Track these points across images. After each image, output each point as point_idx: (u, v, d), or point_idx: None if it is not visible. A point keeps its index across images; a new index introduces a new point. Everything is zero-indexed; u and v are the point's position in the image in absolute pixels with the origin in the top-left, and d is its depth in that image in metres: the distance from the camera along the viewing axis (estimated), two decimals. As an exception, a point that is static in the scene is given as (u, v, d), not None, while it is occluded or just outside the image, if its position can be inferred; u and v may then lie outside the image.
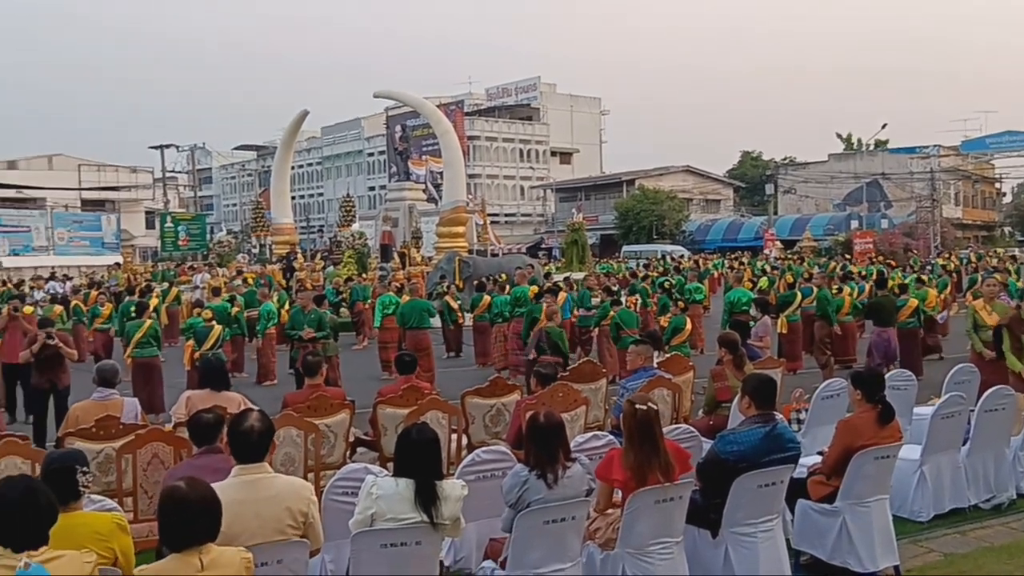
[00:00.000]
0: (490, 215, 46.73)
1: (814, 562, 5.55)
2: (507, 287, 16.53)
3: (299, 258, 31.47)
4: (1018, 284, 18.60)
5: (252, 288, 19.50)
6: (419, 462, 4.21)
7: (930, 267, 28.38)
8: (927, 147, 56.25)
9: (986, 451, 6.98)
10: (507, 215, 72.35)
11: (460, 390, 7.99)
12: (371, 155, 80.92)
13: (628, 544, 4.66)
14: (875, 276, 20.17)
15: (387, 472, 4.80)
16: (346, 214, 37.62)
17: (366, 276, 26.38)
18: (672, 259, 39.78)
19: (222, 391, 7.00)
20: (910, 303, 13.83)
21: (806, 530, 5.57)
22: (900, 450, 5.75)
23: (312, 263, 32.64)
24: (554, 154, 78.63)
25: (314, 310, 12.88)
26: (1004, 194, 74.98)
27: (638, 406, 4.76)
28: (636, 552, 4.65)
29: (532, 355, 12.06)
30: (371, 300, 19.17)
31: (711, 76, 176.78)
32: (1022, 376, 9.07)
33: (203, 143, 74.75)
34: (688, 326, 12.35)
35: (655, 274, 25.95)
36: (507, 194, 75.14)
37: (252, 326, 15.74)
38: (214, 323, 12.86)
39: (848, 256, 36.40)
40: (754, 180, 73.60)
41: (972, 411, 7.02)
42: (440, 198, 40.83)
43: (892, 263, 32.11)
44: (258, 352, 15.25)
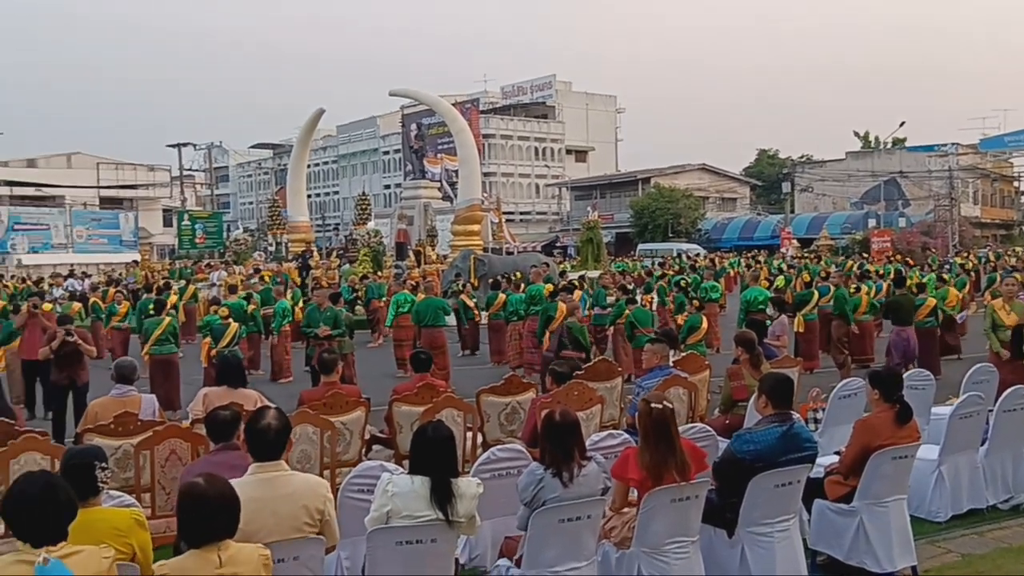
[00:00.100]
0: (505, 213, 46.75)
1: (831, 562, 5.52)
2: (522, 285, 16.52)
3: (315, 256, 31.55)
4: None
5: (268, 286, 19.59)
6: (435, 460, 4.22)
7: (948, 266, 28.19)
8: (945, 145, 55.89)
9: (1004, 451, 6.93)
10: (522, 213, 72.31)
11: (475, 388, 8.00)
12: (386, 153, 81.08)
13: (644, 543, 4.65)
14: (893, 275, 20.07)
15: (403, 470, 4.81)
16: (361, 212, 37.70)
17: (381, 274, 26.46)
18: (688, 257, 39.69)
19: (239, 388, 7.04)
20: (928, 302, 13.74)
21: (823, 530, 5.55)
22: (918, 450, 5.71)
23: (328, 261, 32.71)
24: (569, 152, 78.52)
25: (330, 308, 12.93)
26: (1023, 193, 74.34)
27: (653, 405, 4.75)
28: (652, 551, 4.64)
29: (546, 349, 12.12)
30: (386, 298, 19.22)
31: (727, 74, 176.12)
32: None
33: (220, 141, 75.29)
34: (704, 325, 12.32)
35: (671, 273, 25.91)
36: (522, 192, 75.10)
37: (268, 323, 15.82)
38: (230, 321, 12.92)
39: (865, 255, 36.21)
40: (771, 178, 73.27)
41: (990, 411, 6.97)
42: (455, 196, 40.86)
43: (910, 262, 31.87)
44: (272, 349, 15.33)
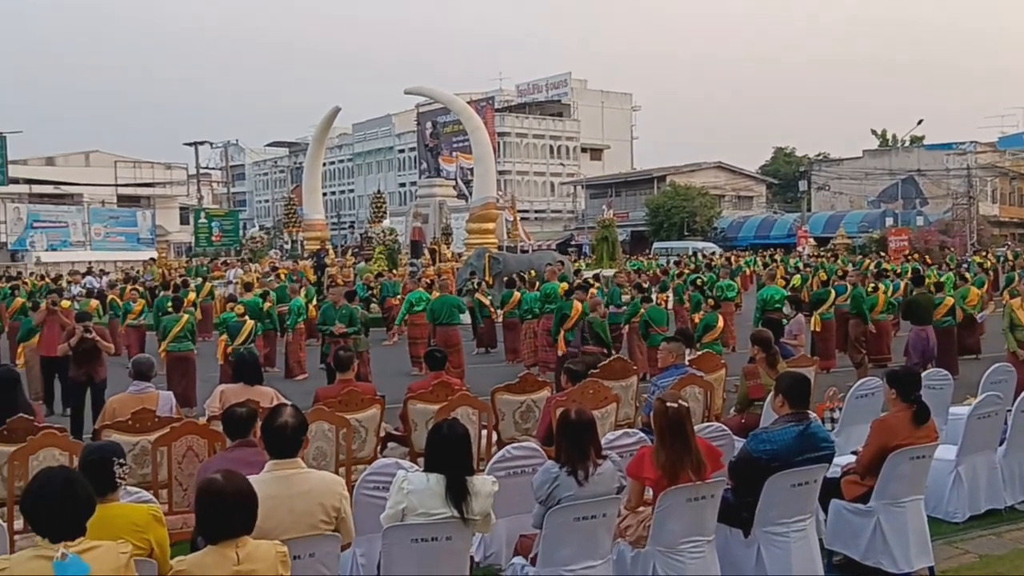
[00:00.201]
0: (520, 211, 46.69)
1: (847, 562, 5.49)
2: (537, 284, 16.52)
3: (330, 254, 31.64)
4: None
5: (284, 284, 19.68)
6: (450, 457, 4.23)
7: (966, 265, 27.98)
8: (963, 143, 55.45)
9: (1022, 452, 6.88)
10: (537, 211, 72.25)
11: (490, 386, 8.00)
12: (402, 152, 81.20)
13: (659, 542, 4.64)
14: (910, 274, 19.94)
15: (418, 467, 4.82)
16: (377, 210, 37.78)
17: (396, 272, 26.51)
18: (703, 256, 39.56)
19: (255, 385, 7.09)
20: (946, 301, 13.66)
21: (839, 530, 5.52)
22: (936, 450, 5.67)
23: (343, 259, 32.83)
24: (585, 150, 78.36)
25: (345, 306, 12.96)
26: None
27: (669, 404, 4.74)
28: (667, 550, 4.63)
29: (561, 348, 12.12)
30: (401, 296, 19.26)
31: (743, 71, 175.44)
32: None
33: (236, 140, 75.36)
34: (720, 323, 12.28)
35: (687, 271, 25.84)
36: (537, 190, 75.03)
37: (283, 321, 15.89)
38: (246, 318, 12.99)
39: (883, 254, 35.97)
40: (787, 176, 72.90)
41: (1009, 411, 6.91)
42: (470, 194, 40.86)
43: (928, 261, 31.67)
44: (287, 347, 15.39)
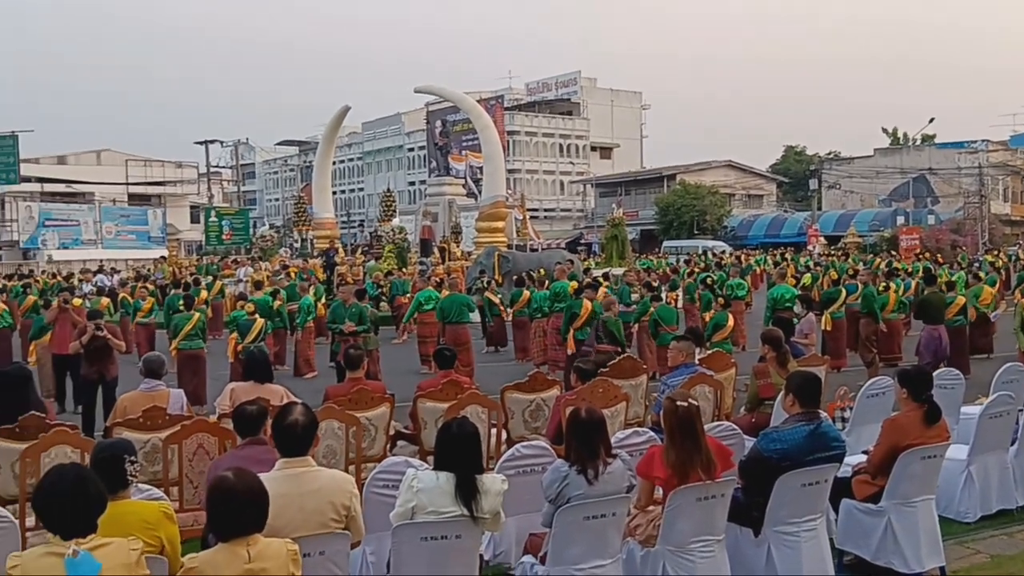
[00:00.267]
0: (530, 210, 46.78)
1: (858, 562, 5.48)
2: (546, 282, 16.51)
3: (340, 253, 31.69)
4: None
5: (294, 282, 19.73)
6: (459, 456, 4.23)
7: (978, 264, 27.85)
8: (975, 142, 55.13)
9: (1035, 452, 6.84)
10: (546, 210, 72.22)
11: (499, 385, 8.00)
12: (411, 150, 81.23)
13: (669, 541, 4.64)
14: (921, 273, 19.86)
15: (427, 466, 4.83)
16: (386, 209, 37.81)
17: (406, 271, 26.54)
18: (713, 255, 39.47)
19: (265, 383, 7.11)
20: (957, 300, 13.61)
21: (850, 530, 5.50)
22: (947, 450, 5.65)
23: (353, 257, 32.89)
24: (594, 149, 78.29)
25: (355, 304, 12.98)
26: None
27: (679, 403, 4.73)
28: (677, 550, 4.62)
29: (570, 348, 12.11)
30: (411, 294, 19.29)
31: (754, 70, 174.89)
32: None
33: (246, 138, 75.48)
34: (730, 322, 12.25)
35: (697, 270, 25.78)
36: (547, 189, 75.00)
37: (293, 319, 15.93)
38: (256, 316, 13.02)
39: (894, 253, 35.83)
40: (798, 175, 72.62)
41: (1021, 411, 6.89)
42: (480, 193, 40.88)
43: (939, 260, 31.53)
44: (296, 345, 15.43)
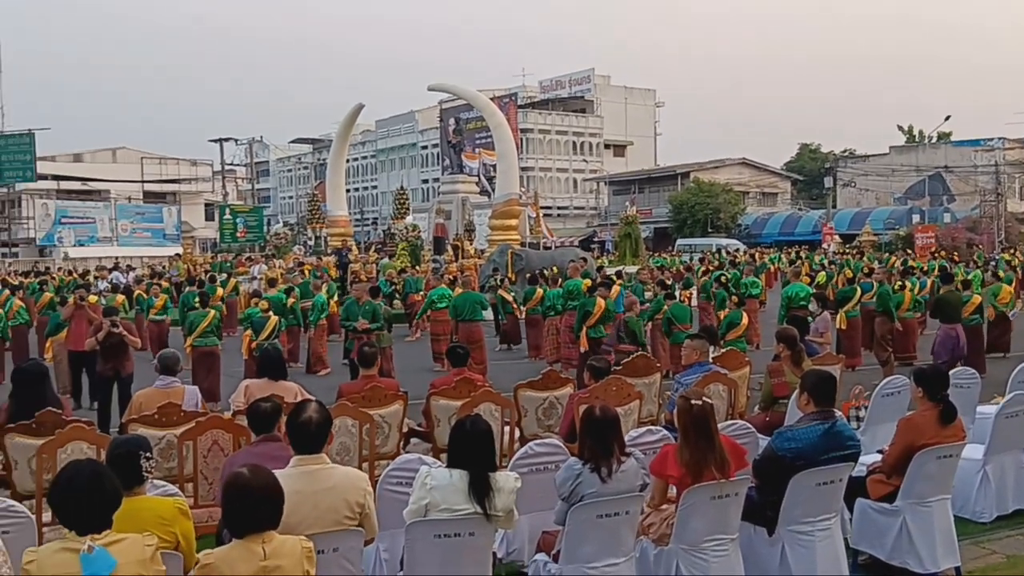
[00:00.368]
0: (543, 208, 46.59)
1: (873, 562, 5.45)
2: (559, 280, 16.50)
3: (353, 251, 31.75)
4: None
5: (307, 280, 19.79)
6: (473, 453, 4.23)
7: (994, 263, 27.65)
8: (992, 140, 54.69)
9: (1052, 452, 6.79)
10: (560, 208, 72.16)
11: (512, 382, 8.00)
12: (425, 148, 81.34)
13: (682, 540, 4.63)
14: (937, 271, 19.75)
15: (441, 463, 4.83)
16: (400, 206, 37.87)
17: (419, 268, 26.57)
18: (727, 253, 39.34)
19: (279, 380, 7.13)
20: (974, 299, 13.52)
21: (865, 529, 5.48)
22: (963, 449, 5.61)
23: (366, 255, 32.95)
24: (608, 147, 78.16)
25: (368, 302, 13.00)
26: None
27: (693, 401, 4.72)
28: (691, 549, 4.61)
29: (583, 346, 12.11)
30: (424, 292, 19.32)
31: (768, 67, 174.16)
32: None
33: (261, 136, 75.95)
34: (744, 321, 12.21)
35: (711, 268, 25.71)
36: (560, 187, 74.94)
37: (307, 316, 15.98)
38: (270, 314, 13.07)
39: (909, 251, 35.62)
40: (812, 173, 72.26)
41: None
42: (493, 191, 40.87)
43: (955, 258, 31.32)
44: (308, 342, 15.48)
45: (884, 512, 5.39)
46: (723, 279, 18.10)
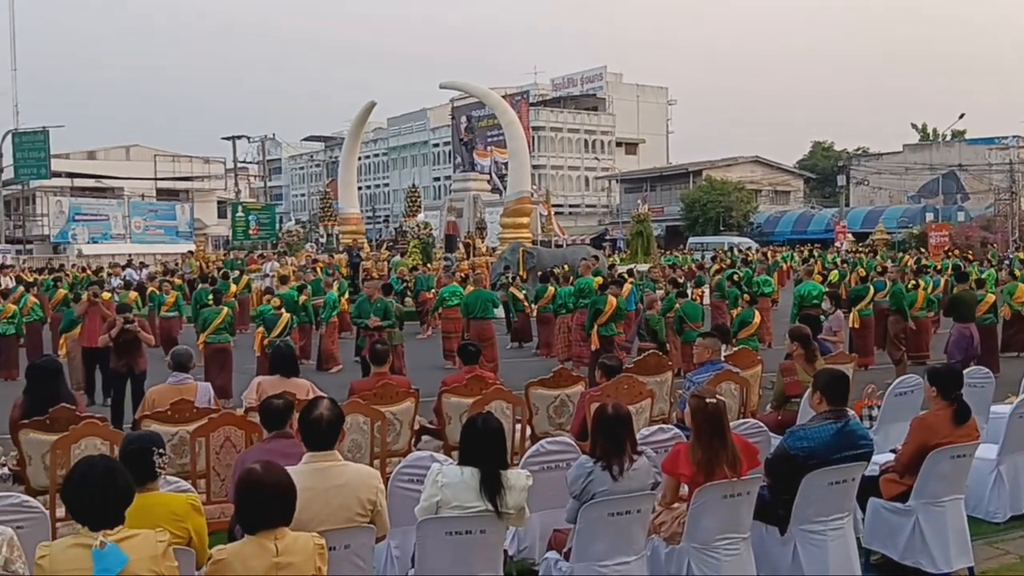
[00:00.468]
0: (554, 206, 46.58)
1: (885, 562, 5.43)
2: (570, 278, 16.49)
3: (365, 249, 31.82)
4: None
5: (319, 277, 19.85)
6: (484, 451, 4.23)
7: (1008, 261, 27.49)
8: (1006, 138, 54.36)
9: (1066, 451, 6.74)
10: (571, 206, 72.09)
11: (523, 380, 7.99)
12: (436, 146, 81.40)
13: (694, 539, 4.62)
14: (950, 270, 19.64)
15: (452, 460, 4.83)
16: (411, 204, 37.91)
17: (431, 266, 26.60)
18: (739, 251, 39.23)
19: (292, 377, 7.15)
20: (987, 298, 13.46)
21: (877, 529, 5.46)
22: (976, 449, 5.58)
23: (377, 253, 33.02)
24: (619, 144, 78.05)
25: (380, 299, 13.02)
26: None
27: (708, 400, 4.71)
28: (702, 547, 4.60)
29: (594, 344, 12.10)
30: (435, 290, 19.34)
31: (780, 64, 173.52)
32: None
33: (273, 134, 76.03)
34: (756, 319, 12.18)
35: (724, 267, 25.63)
36: (572, 185, 74.87)
37: (318, 313, 16.03)
38: (282, 311, 13.10)
39: (923, 250, 35.45)
40: (825, 171, 71.98)
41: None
42: (505, 189, 40.87)
43: (970, 257, 31.14)
44: (320, 340, 15.51)
45: (897, 512, 5.36)
46: (735, 277, 18.07)
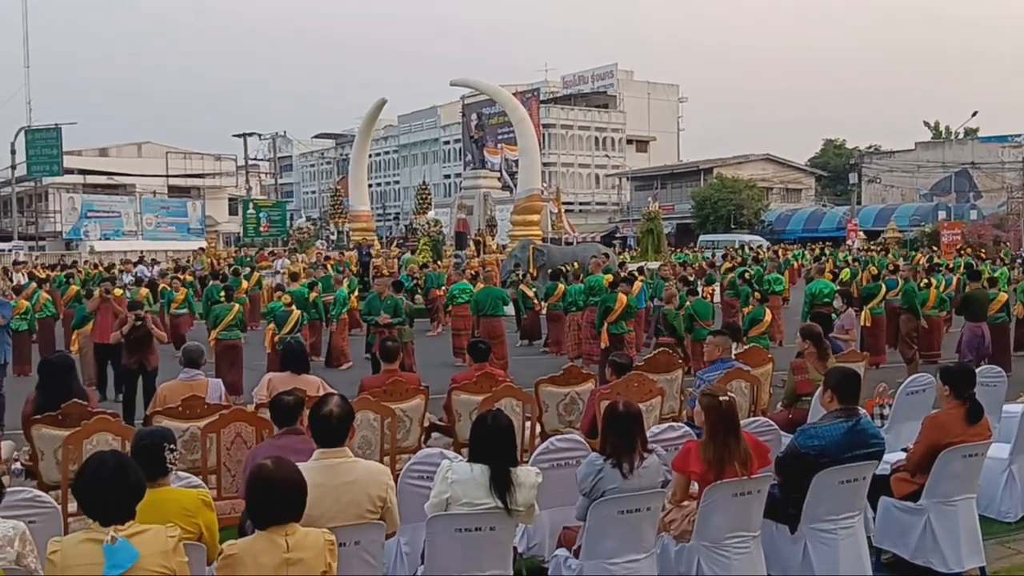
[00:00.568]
0: (565, 203, 46.59)
1: (896, 561, 5.41)
2: (580, 276, 16.47)
3: (375, 246, 31.83)
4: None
5: (329, 274, 19.88)
6: (494, 448, 4.24)
7: (1021, 260, 27.32)
8: (1019, 135, 53.97)
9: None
10: (582, 204, 71.99)
11: (533, 378, 7.99)
12: (447, 143, 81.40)
13: (704, 537, 4.61)
14: (962, 269, 19.53)
15: (462, 458, 4.83)
16: (422, 202, 37.92)
17: (441, 263, 26.61)
18: (750, 249, 39.08)
19: (302, 374, 7.16)
20: (1000, 297, 13.38)
21: (888, 528, 5.43)
22: (989, 448, 5.55)
23: (388, 250, 33.06)
24: (630, 142, 77.88)
25: (390, 296, 13.03)
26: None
27: (721, 398, 4.70)
28: (712, 545, 4.59)
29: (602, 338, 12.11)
30: (445, 287, 19.35)
31: (793, 62, 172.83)
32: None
33: (284, 131, 76.50)
34: (767, 317, 12.15)
35: (734, 264, 25.54)
36: (582, 182, 74.76)
37: (329, 310, 16.05)
38: (293, 308, 13.13)
39: (935, 248, 35.25)
40: (837, 169, 71.64)
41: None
42: (515, 186, 40.85)
43: (982, 255, 30.94)
44: (330, 336, 15.54)
45: (908, 511, 5.34)
46: (746, 275, 18.02)
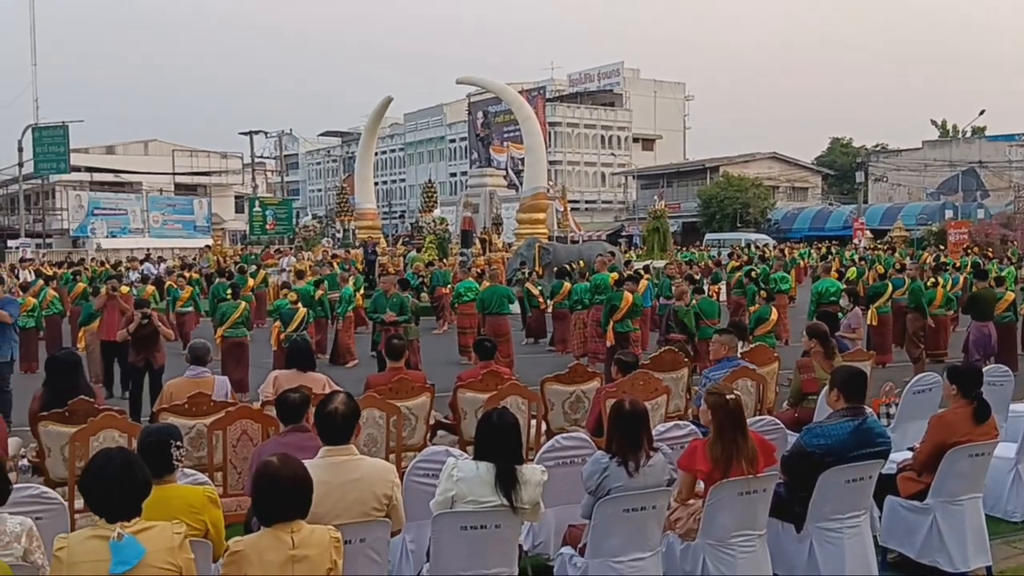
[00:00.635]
0: (571, 202, 46.54)
1: (902, 560, 5.40)
2: (586, 274, 16.44)
3: (381, 244, 31.84)
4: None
5: (334, 272, 19.91)
6: (499, 446, 4.24)
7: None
8: (1027, 134, 53.86)
9: (1086, 451, 6.66)
10: (588, 202, 71.98)
11: (539, 376, 7.99)
12: (453, 141, 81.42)
13: (709, 535, 4.61)
14: (969, 268, 19.47)
15: (467, 455, 4.84)
16: (428, 200, 37.96)
17: (447, 261, 26.62)
18: (756, 248, 39.04)
19: (308, 372, 7.18)
20: (1007, 296, 13.33)
21: (894, 527, 5.42)
22: (995, 448, 5.53)
23: (394, 248, 33.08)
24: (636, 140, 77.78)
25: (396, 294, 13.04)
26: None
27: (728, 396, 4.70)
28: (717, 544, 4.59)
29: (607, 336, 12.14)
30: (451, 285, 19.35)
31: (799, 60, 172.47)
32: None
33: (290, 129, 76.44)
34: (773, 316, 12.12)
35: (741, 263, 25.52)
36: (588, 181, 74.74)
37: (334, 308, 16.07)
38: (299, 305, 13.14)
39: (942, 247, 35.16)
40: (844, 168, 71.49)
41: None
42: (521, 184, 40.84)
43: (989, 254, 30.85)
44: (336, 334, 15.56)
45: (914, 510, 5.33)
46: (752, 274, 17.99)
